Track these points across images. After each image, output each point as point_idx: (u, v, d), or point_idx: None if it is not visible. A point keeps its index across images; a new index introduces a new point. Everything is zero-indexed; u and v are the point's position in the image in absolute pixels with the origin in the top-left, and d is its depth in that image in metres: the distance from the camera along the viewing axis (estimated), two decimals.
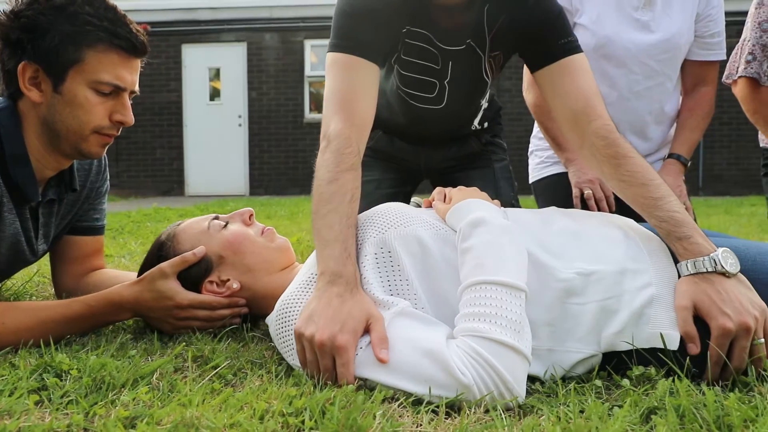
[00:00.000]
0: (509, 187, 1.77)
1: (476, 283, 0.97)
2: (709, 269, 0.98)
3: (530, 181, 2.00)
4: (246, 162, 9.43)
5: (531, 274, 1.03)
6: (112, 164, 9.32)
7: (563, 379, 1.00)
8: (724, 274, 0.97)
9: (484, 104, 1.69)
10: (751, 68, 1.89)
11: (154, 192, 9.33)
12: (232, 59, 9.26)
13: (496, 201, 1.21)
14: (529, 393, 0.94)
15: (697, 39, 1.79)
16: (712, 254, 0.99)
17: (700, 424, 0.77)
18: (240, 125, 9.37)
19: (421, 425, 0.80)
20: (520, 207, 1.78)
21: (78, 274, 1.54)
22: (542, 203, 1.89)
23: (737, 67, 1.97)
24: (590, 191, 1.70)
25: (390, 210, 1.13)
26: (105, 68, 1.23)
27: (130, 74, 1.29)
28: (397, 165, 1.82)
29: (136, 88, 1.33)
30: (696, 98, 1.84)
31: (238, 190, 9.47)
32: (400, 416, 0.83)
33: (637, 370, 0.96)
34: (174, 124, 9.30)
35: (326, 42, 1.33)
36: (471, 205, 1.11)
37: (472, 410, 0.85)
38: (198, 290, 1.23)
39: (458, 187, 1.21)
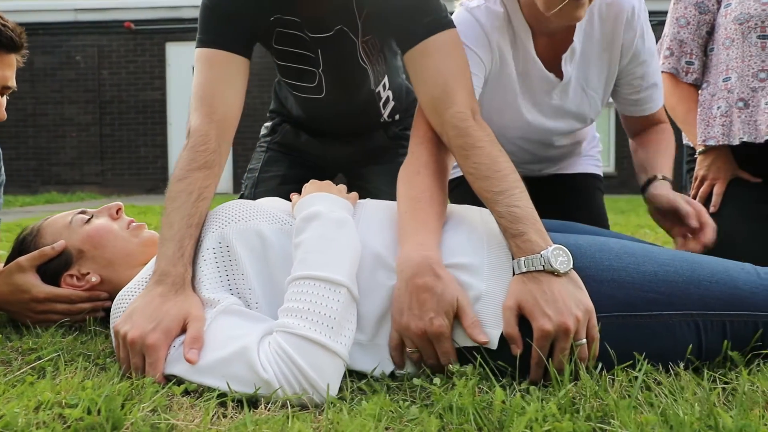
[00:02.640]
0: None
1: (297, 278, 0.97)
2: (538, 268, 0.95)
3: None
4: (230, 159, 9.42)
5: (366, 269, 1.03)
6: (96, 162, 9.35)
7: (392, 375, 0.99)
8: (553, 272, 0.95)
9: (385, 94, 1.65)
10: (669, 63, 1.87)
11: (139, 190, 9.33)
12: None
13: (353, 194, 1.20)
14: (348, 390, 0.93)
15: (623, 98, 1.53)
16: (542, 252, 0.96)
17: (472, 422, 0.76)
18: None
19: (197, 419, 0.79)
20: None
21: None
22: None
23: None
24: None
25: (236, 205, 1.12)
26: None
27: (1, 69, 1.28)
28: (304, 160, 1.81)
29: (11, 83, 1.33)
30: (650, 134, 1.58)
31: (223, 188, 9.46)
32: (191, 408, 0.82)
33: (454, 369, 0.94)
34: (158, 122, 9.30)
35: None
36: (313, 199, 1.10)
37: (267, 406, 0.84)
38: (58, 284, 1.23)
39: (311, 180, 1.20)
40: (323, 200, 1.10)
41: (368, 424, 0.70)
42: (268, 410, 0.83)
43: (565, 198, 1.74)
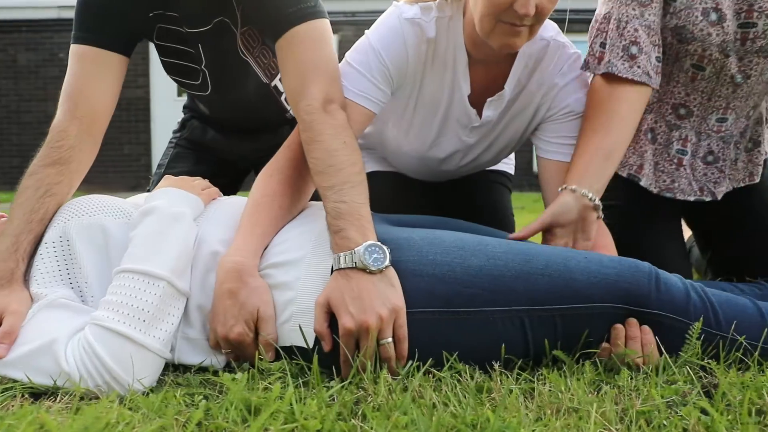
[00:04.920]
0: None
1: (119, 271, 0.97)
2: (350, 265, 0.94)
3: None
4: None
5: (201, 266, 1.03)
6: None
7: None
8: (365, 269, 0.94)
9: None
10: (637, 67, 1.30)
11: (122, 187, 9.31)
12: None
13: (209, 191, 1.20)
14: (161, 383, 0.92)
15: (543, 138, 1.38)
16: (356, 249, 0.95)
17: (230, 418, 0.75)
18: None
19: None
20: None
21: None
22: None
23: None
24: None
25: (84, 200, 1.13)
26: None
27: None
28: (211, 156, 1.80)
29: None
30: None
31: None
32: None
33: (263, 365, 0.93)
34: (142, 120, 9.29)
35: None
36: (158, 194, 1.10)
37: (60, 398, 0.84)
38: None
39: (166, 176, 1.20)
40: (166, 195, 1.10)
41: (106, 417, 0.69)
42: (59, 402, 0.83)
43: (455, 194, 1.73)
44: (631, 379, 0.88)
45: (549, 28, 1.32)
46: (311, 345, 0.95)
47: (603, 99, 1.28)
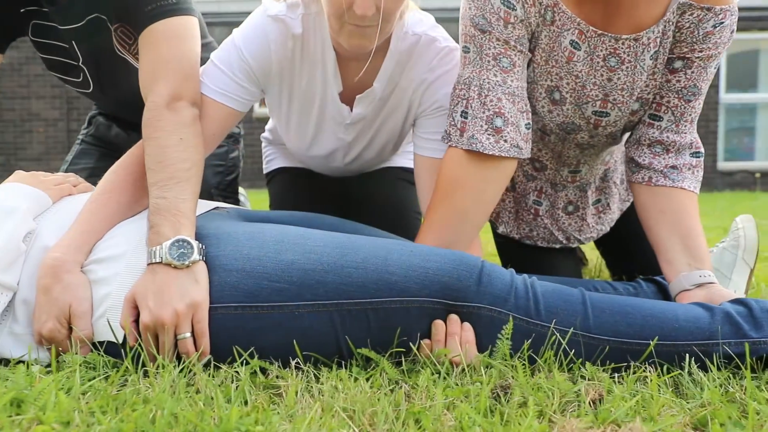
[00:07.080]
0: (214, 175, 1.74)
1: None
2: (156, 260, 0.95)
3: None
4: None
5: (33, 262, 1.02)
6: (64, 157, 9.35)
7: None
8: (171, 264, 0.94)
9: None
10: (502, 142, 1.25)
11: None
12: None
13: (65, 186, 1.19)
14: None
15: (416, 134, 1.37)
16: (163, 244, 0.96)
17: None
18: None
19: None
20: (220, 198, 1.77)
21: None
22: (272, 197, 1.86)
23: None
24: None
25: None
26: None
27: None
28: (114, 152, 1.80)
29: None
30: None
31: None
32: None
33: (74, 361, 0.93)
34: None
35: None
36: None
37: None
38: None
39: (16, 171, 1.19)
40: (5, 190, 1.09)
41: None
42: None
43: (357, 190, 1.72)
44: (435, 379, 0.87)
45: (422, 23, 1.31)
46: (120, 340, 0.95)
47: (466, 177, 1.18)
